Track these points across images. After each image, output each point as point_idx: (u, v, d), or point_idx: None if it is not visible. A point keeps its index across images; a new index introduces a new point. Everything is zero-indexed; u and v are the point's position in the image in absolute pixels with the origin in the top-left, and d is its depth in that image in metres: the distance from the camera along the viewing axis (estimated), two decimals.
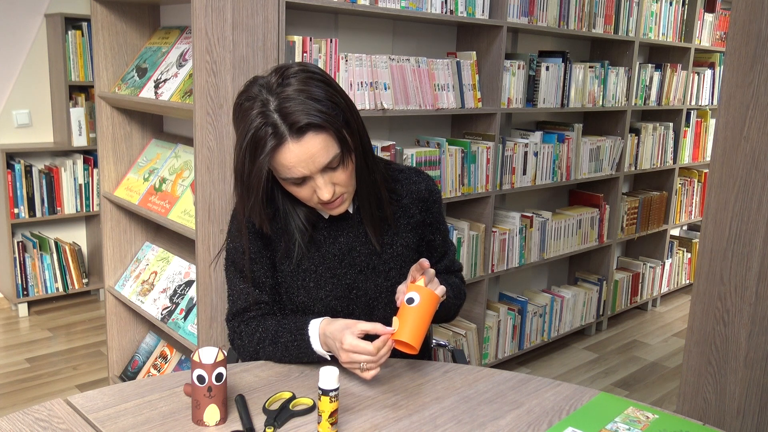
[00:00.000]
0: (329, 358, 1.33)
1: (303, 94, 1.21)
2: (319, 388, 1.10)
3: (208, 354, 1.15)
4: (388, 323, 1.34)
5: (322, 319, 1.34)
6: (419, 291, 1.25)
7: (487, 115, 2.90)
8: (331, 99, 1.24)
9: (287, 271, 1.43)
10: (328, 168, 1.26)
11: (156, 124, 2.60)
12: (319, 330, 1.32)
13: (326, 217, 1.42)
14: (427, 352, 1.65)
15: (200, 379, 1.13)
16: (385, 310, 1.45)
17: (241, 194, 1.30)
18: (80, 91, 3.92)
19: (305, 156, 1.22)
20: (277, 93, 1.22)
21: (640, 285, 4.14)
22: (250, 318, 1.43)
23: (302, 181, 1.27)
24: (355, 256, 1.42)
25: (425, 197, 1.49)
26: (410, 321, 1.23)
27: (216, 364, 1.13)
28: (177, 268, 2.39)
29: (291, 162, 1.23)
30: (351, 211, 1.43)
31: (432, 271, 1.31)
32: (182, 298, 2.29)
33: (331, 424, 1.11)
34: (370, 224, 1.40)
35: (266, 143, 1.21)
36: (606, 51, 3.64)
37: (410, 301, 1.24)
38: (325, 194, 1.27)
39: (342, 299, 1.43)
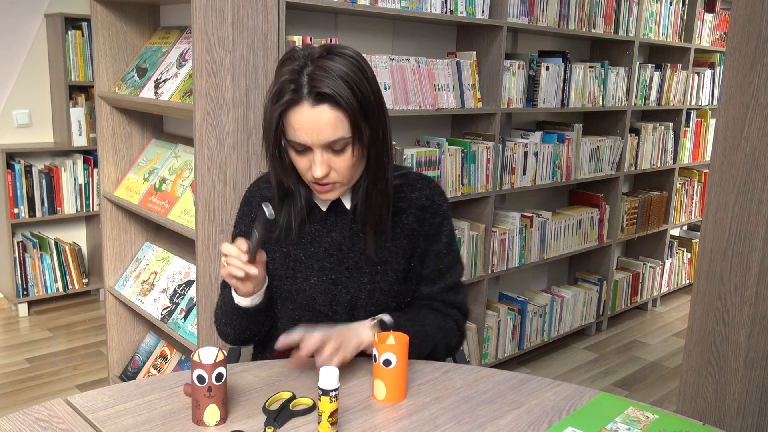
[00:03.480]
0: (245, 305, 1.40)
1: (338, 72, 1.25)
2: (319, 388, 1.10)
3: (208, 354, 1.15)
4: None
5: None
6: (394, 351, 1.23)
7: (487, 115, 2.90)
8: (361, 89, 1.26)
9: (278, 260, 1.45)
10: (330, 148, 1.28)
11: (156, 124, 2.60)
12: None
13: (324, 209, 1.43)
14: None
15: (200, 379, 1.13)
16: (365, 310, 1.44)
17: (264, 141, 1.35)
18: (80, 91, 3.92)
19: (313, 124, 1.25)
20: (317, 63, 1.26)
21: (640, 285, 4.14)
22: (225, 291, 1.49)
23: (303, 150, 1.30)
24: (344, 252, 1.43)
25: (424, 206, 1.45)
26: (395, 382, 1.25)
27: (216, 364, 1.13)
28: (177, 268, 2.40)
29: (299, 124, 1.26)
30: (348, 207, 1.43)
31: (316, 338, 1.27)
32: (182, 298, 2.30)
33: (331, 424, 1.11)
34: (370, 228, 1.40)
35: (284, 95, 1.26)
36: (606, 51, 3.64)
37: (387, 363, 1.23)
38: (318, 171, 1.28)
39: (325, 293, 1.43)
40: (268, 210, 1.27)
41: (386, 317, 1.38)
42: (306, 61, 1.26)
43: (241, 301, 1.41)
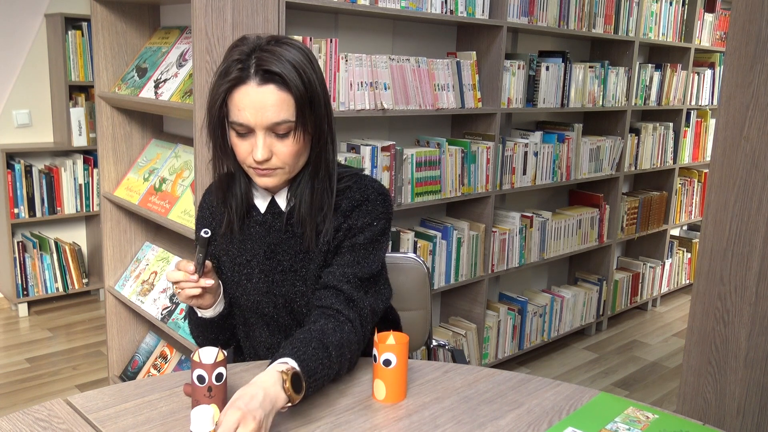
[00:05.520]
0: (203, 315, 1.41)
1: (286, 56, 1.25)
2: None
3: (208, 354, 1.15)
4: (294, 314, 1.42)
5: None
6: (394, 351, 1.23)
7: (487, 115, 2.90)
8: (308, 76, 1.26)
9: (226, 264, 1.46)
10: (273, 132, 1.27)
11: (156, 124, 2.60)
12: None
13: (262, 211, 1.42)
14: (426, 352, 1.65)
15: (200, 379, 1.12)
16: (305, 311, 1.42)
17: (206, 120, 1.33)
18: (80, 91, 3.92)
19: (258, 104, 1.24)
20: (263, 49, 1.26)
21: (640, 285, 4.14)
22: None
23: (245, 132, 1.28)
24: (280, 253, 1.41)
25: (359, 202, 1.37)
26: (395, 382, 1.25)
27: (216, 364, 1.13)
28: None
29: (243, 103, 1.24)
30: (282, 205, 1.40)
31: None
32: None
33: None
34: (309, 221, 1.36)
35: (231, 73, 1.25)
36: (606, 51, 3.64)
37: (387, 363, 1.23)
38: (259, 153, 1.26)
39: (266, 295, 1.42)
40: (205, 233, 1.26)
41: (291, 362, 1.16)
42: (255, 47, 1.26)
43: (206, 313, 1.42)
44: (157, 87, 2.25)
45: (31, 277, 3.78)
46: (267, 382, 1.09)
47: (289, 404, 1.12)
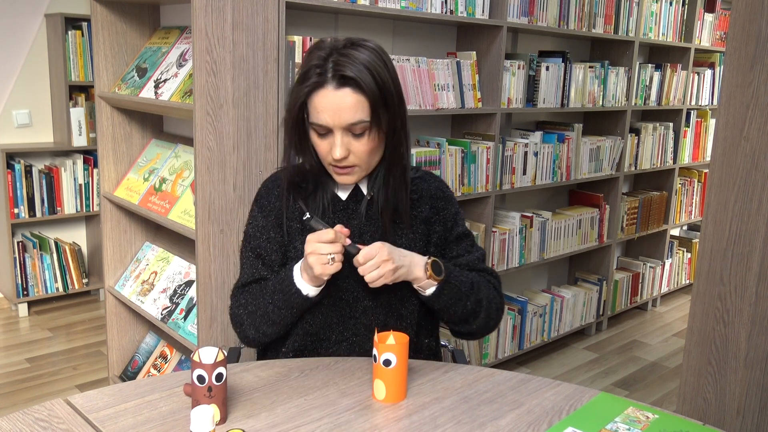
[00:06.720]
0: (308, 294, 1.38)
1: (361, 59, 1.33)
2: None
3: (208, 354, 1.15)
4: (390, 308, 1.47)
5: None
6: (394, 351, 1.23)
7: (487, 115, 2.90)
8: (382, 77, 1.34)
9: (301, 249, 1.44)
10: (350, 131, 1.35)
11: (156, 124, 2.60)
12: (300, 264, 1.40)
13: (344, 198, 1.49)
14: (430, 351, 1.65)
15: (200, 379, 1.13)
16: (387, 297, 1.47)
17: (286, 122, 1.42)
18: (80, 91, 3.92)
19: (335, 106, 1.32)
20: (341, 52, 1.34)
21: (640, 285, 4.14)
22: (251, 288, 1.50)
23: (325, 133, 1.37)
24: (365, 238, 1.46)
25: (436, 195, 1.56)
26: (395, 382, 1.25)
27: (216, 364, 1.13)
28: (177, 268, 2.40)
29: (321, 105, 1.33)
30: (365, 192, 1.48)
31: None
32: (182, 298, 2.30)
33: None
34: (387, 213, 1.46)
35: (309, 79, 1.34)
36: (606, 51, 3.64)
37: (387, 363, 1.24)
38: (338, 152, 1.35)
39: (347, 279, 1.44)
40: (314, 220, 1.34)
41: (440, 260, 1.43)
42: (332, 50, 1.34)
43: (311, 291, 1.39)
44: (157, 87, 2.25)
45: (31, 277, 3.78)
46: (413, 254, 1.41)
47: (428, 281, 1.39)
